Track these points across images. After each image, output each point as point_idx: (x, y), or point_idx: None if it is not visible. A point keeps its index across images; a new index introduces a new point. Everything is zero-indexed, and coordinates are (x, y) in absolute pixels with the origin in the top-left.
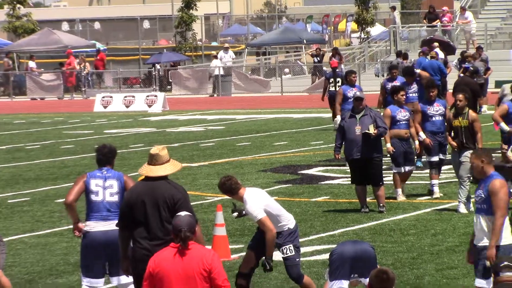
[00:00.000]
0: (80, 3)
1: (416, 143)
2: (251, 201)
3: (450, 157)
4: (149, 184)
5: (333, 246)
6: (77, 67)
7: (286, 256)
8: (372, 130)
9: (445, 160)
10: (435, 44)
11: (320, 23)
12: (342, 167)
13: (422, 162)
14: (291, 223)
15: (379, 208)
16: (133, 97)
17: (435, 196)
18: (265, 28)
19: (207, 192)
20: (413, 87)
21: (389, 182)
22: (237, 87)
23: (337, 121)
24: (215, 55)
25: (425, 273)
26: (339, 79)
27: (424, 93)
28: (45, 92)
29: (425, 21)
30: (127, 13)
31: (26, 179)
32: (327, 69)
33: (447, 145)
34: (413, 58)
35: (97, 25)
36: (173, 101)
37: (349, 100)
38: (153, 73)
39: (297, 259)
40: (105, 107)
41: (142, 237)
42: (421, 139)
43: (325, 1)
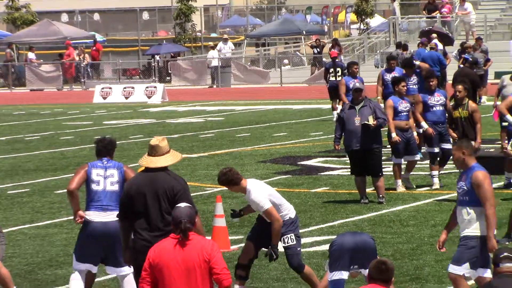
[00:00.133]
0: None
1: (415, 134)
2: (256, 191)
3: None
4: (149, 175)
5: (332, 237)
6: (77, 58)
7: (287, 246)
8: (371, 121)
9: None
10: (434, 35)
11: (319, 14)
12: (341, 158)
13: (422, 153)
14: (291, 212)
15: (378, 199)
16: (133, 88)
17: (435, 187)
18: (264, 19)
19: (206, 183)
20: (413, 79)
21: (389, 173)
22: (236, 78)
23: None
24: (212, 46)
25: (424, 264)
26: (338, 69)
27: (424, 84)
28: (44, 83)
29: (424, 12)
30: (126, 4)
31: (26, 170)
32: (327, 60)
33: (447, 134)
34: (412, 49)
35: (96, 16)
36: (172, 92)
37: (351, 91)
38: (153, 64)
39: (298, 248)
40: (104, 98)
41: (143, 228)
42: (424, 128)
43: None
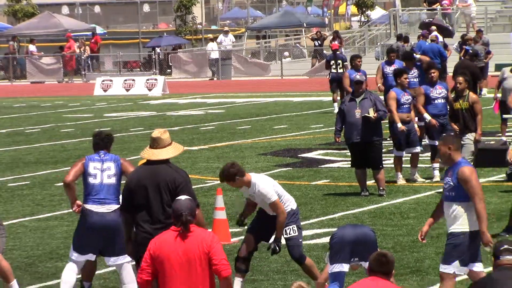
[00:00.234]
0: None
1: (415, 126)
2: (263, 183)
3: None
4: (150, 167)
5: (333, 229)
6: (77, 50)
7: (289, 237)
8: (372, 114)
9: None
10: (433, 27)
11: (320, 6)
12: (342, 151)
13: (423, 146)
14: (293, 204)
15: (379, 192)
16: (133, 80)
17: (435, 179)
18: (265, 11)
19: (207, 176)
20: (413, 72)
21: (389, 166)
22: (237, 70)
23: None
24: (212, 38)
25: (425, 256)
26: (339, 61)
27: (425, 77)
28: (45, 75)
29: (425, 4)
30: None
31: (26, 163)
32: (328, 52)
33: (449, 125)
34: (413, 41)
35: (97, 8)
36: (173, 84)
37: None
38: (153, 57)
39: (300, 240)
40: (105, 90)
41: (144, 220)
42: (427, 120)
43: None
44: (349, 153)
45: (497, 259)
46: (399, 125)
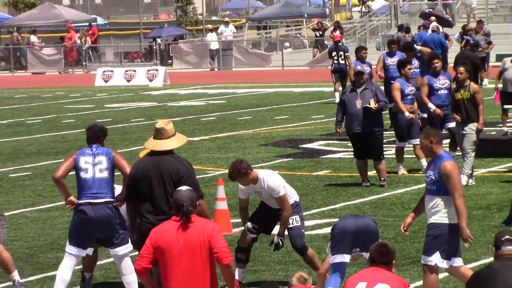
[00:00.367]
0: None
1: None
2: (272, 178)
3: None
4: (154, 158)
5: (334, 220)
6: (78, 41)
7: (291, 227)
8: (372, 104)
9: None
10: (432, 18)
11: None
12: (343, 141)
13: None
14: (295, 195)
15: (380, 182)
16: (134, 71)
17: None
18: (266, 2)
19: (208, 166)
20: (414, 63)
21: (391, 156)
22: (238, 61)
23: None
24: (211, 29)
25: None
26: (341, 52)
27: (426, 68)
28: (46, 66)
29: None
30: None
31: (27, 154)
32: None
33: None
34: (413, 32)
35: None
36: (174, 75)
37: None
38: (154, 48)
39: (302, 230)
40: (106, 81)
41: (148, 211)
42: (432, 109)
43: None
44: (350, 144)
45: (498, 250)
46: (407, 113)
